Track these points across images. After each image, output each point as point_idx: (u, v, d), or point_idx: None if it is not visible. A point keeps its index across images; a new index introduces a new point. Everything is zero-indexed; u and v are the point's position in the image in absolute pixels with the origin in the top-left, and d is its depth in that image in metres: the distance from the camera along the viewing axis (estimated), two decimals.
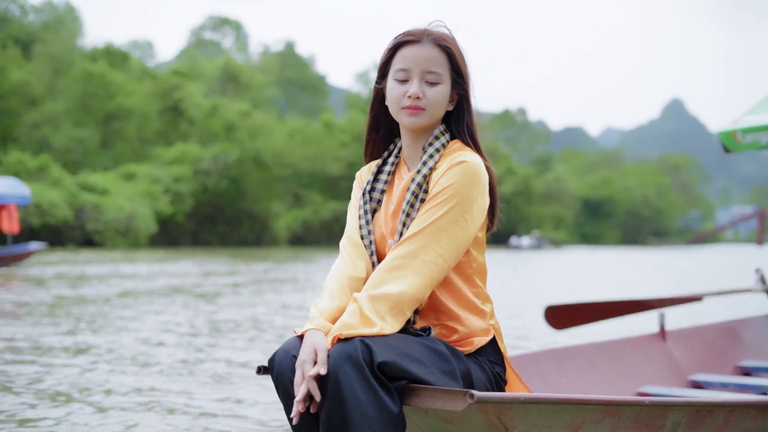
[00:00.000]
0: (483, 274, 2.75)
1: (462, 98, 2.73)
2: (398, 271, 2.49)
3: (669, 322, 5.87)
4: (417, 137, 2.72)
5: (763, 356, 5.55)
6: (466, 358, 2.58)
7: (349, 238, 2.76)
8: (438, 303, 2.64)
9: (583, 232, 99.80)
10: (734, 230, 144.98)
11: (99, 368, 6.47)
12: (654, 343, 4.98)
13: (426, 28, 2.70)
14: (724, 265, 35.13)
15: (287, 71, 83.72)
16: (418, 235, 2.52)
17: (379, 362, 2.26)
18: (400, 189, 2.71)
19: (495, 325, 2.73)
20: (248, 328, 9.50)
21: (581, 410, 2.38)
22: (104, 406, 5.05)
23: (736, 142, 5.37)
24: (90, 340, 8.12)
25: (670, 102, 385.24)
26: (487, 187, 2.64)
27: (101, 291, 14.40)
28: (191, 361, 7.02)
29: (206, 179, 51.72)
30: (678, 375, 4.92)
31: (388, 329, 2.39)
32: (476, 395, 2.15)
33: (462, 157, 2.61)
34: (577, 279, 23.55)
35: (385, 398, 2.25)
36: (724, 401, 2.75)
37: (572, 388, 4.17)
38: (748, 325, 5.75)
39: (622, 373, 4.57)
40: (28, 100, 51.38)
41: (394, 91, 2.66)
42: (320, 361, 2.29)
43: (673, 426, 2.62)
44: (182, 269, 22.77)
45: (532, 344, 8.42)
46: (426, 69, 2.63)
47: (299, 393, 2.28)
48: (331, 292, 2.60)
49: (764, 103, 5.54)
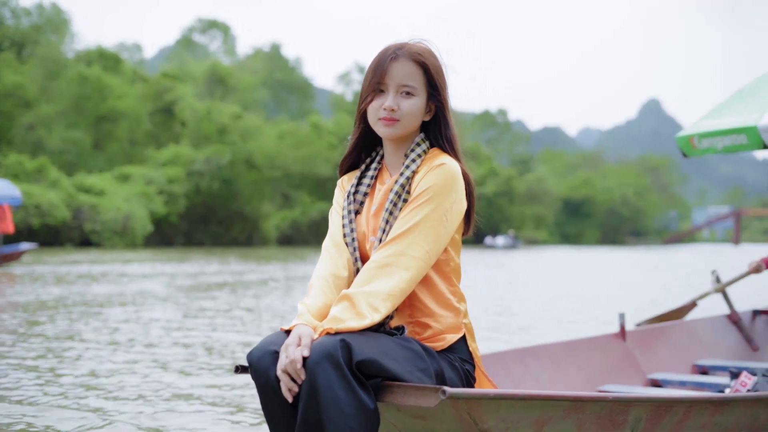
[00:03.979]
0: (459, 274, 2.87)
1: (439, 109, 2.85)
2: (389, 268, 2.60)
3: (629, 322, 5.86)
4: (398, 146, 2.86)
5: (720, 355, 5.67)
6: (439, 357, 2.68)
7: (331, 239, 2.86)
8: (415, 299, 2.75)
9: (563, 231, 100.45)
10: (711, 230, 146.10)
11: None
12: (614, 342, 5.07)
13: (405, 42, 2.83)
14: (696, 266, 35.32)
15: (274, 73, 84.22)
16: (406, 234, 2.64)
17: (358, 360, 2.35)
18: (382, 191, 2.84)
19: (467, 324, 2.84)
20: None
21: (548, 406, 2.47)
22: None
23: (692, 147, 5.60)
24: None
25: (647, 102, 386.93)
26: (464, 191, 2.79)
27: (76, 291, 14.40)
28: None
29: (199, 180, 52.41)
30: (637, 373, 5.01)
31: (378, 318, 2.52)
32: (448, 391, 2.23)
33: (441, 160, 2.75)
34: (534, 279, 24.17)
35: (362, 395, 2.34)
36: (683, 398, 2.85)
37: (536, 386, 4.26)
38: (705, 325, 5.86)
39: (583, 371, 4.68)
40: (22, 102, 51.94)
41: (372, 103, 2.80)
42: (304, 344, 2.39)
43: (634, 421, 2.69)
44: (178, 270, 23.48)
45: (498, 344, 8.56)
46: (401, 83, 2.76)
47: (282, 375, 2.39)
48: (317, 289, 2.70)
49: (720, 108, 5.77)
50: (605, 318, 11.29)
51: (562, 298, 15.33)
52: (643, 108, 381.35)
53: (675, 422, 2.82)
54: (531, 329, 10.14)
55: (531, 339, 9.00)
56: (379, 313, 2.52)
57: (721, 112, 5.63)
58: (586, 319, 11.45)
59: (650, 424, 2.74)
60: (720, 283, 6.12)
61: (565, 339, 4.89)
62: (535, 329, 10.15)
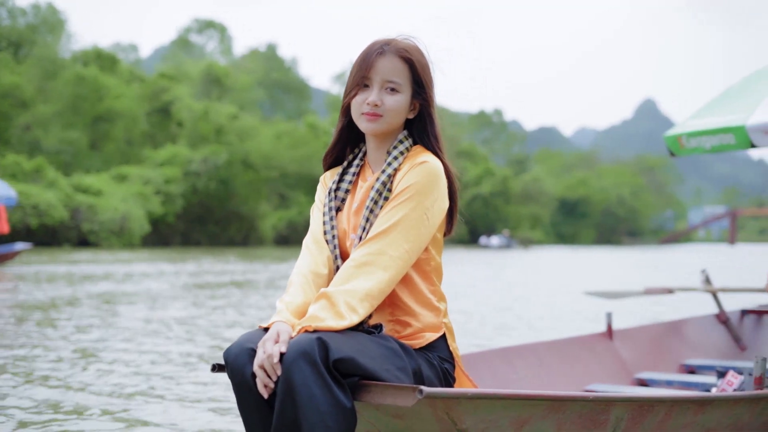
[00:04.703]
0: (439, 274, 2.84)
1: (423, 107, 2.83)
2: (367, 267, 2.57)
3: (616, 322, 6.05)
4: (381, 142, 2.84)
5: (708, 355, 5.65)
6: (417, 355, 2.65)
7: (312, 236, 2.83)
8: (396, 298, 2.72)
9: (559, 231, 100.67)
10: (706, 230, 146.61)
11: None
12: (601, 342, 5.06)
13: (392, 38, 2.81)
14: (694, 264, 35.63)
15: (271, 74, 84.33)
16: (386, 233, 2.62)
17: (335, 359, 2.33)
18: (364, 188, 2.81)
19: (447, 323, 2.81)
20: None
21: (527, 405, 2.43)
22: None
23: (680, 147, 5.58)
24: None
25: (642, 102, 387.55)
26: (446, 189, 2.77)
27: (60, 292, 14.30)
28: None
29: (196, 181, 52.48)
30: (624, 373, 4.99)
31: (356, 320, 2.49)
32: (425, 391, 2.21)
33: (423, 158, 2.72)
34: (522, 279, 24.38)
35: (339, 393, 2.32)
36: (665, 397, 2.81)
37: (521, 386, 4.23)
38: (693, 324, 5.86)
39: (569, 371, 4.65)
40: (18, 102, 52.03)
41: (356, 98, 2.78)
42: (282, 341, 2.38)
43: (616, 421, 2.66)
44: (182, 269, 23.59)
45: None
46: (386, 78, 2.74)
47: (258, 370, 2.37)
48: (296, 287, 2.68)
49: (708, 107, 5.73)
50: (586, 317, 11.31)
51: (556, 296, 15.42)
52: (638, 108, 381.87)
53: (657, 422, 2.80)
54: (519, 328, 10.15)
55: (520, 338, 8.96)
56: (357, 315, 2.49)
57: (710, 111, 5.62)
58: (577, 317, 11.46)
59: (632, 423, 2.72)
60: (709, 283, 6.13)
61: (552, 338, 4.90)
62: (523, 328, 10.20)
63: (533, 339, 8.26)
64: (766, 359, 3.39)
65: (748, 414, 3.15)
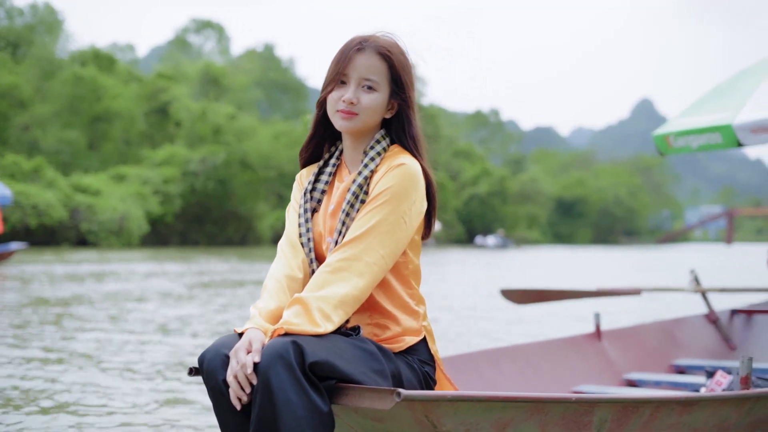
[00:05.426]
0: (418, 276, 2.78)
1: (401, 107, 2.75)
2: (342, 272, 2.51)
3: (605, 323, 6.00)
4: (357, 141, 2.76)
5: (697, 355, 5.61)
6: (396, 358, 2.61)
7: (287, 238, 2.77)
8: (373, 303, 2.66)
9: (556, 231, 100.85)
10: (703, 230, 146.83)
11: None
12: (590, 342, 5.02)
13: (372, 34, 2.74)
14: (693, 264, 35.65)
15: (268, 74, 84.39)
16: (361, 238, 2.55)
17: (311, 362, 2.28)
18: (340, 190, 2.74)
19: (427, 326, 2.77)
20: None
21: (508, 407, 2.40)
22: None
23: (668, 146, 5.49)
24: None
25: (639, 102, 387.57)
26: (424, 191, 2.68)
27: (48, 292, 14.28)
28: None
29: (194, 181, 52.57)
30: (613, 374, 4.94)
31: (331, 329, 2.43)
32: (403, 393, 2.18)
33: (400, 160, 2.65)
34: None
35: (315, 397, 2.28)
36: (649, 398, 2.78)
37: (508, 388, 4.18)
38: (682, 324, 5.82)
39: (557, 372, 4.59)
40: (17, 102, 52.12)
41: (332, 94, 2.70)
42: (254, 350, 2.33)
43: (600, 422, 2.63)
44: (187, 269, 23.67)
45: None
46: (363, 76, 2.67)
47: (232, 381, 2.33)
48: (270, 292, 2.62)
49: (696, 106, 5.67)
50: (576, 318, 11.31)
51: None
52: (635, 108, 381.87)
53: (642, 423, 2.77)
54: (505, 330, 10.13)
55: (509, 339, 8.92)
56: (332, 323, 2.43)
57: (698, 109, 5.56)
58: (558, 320, 11.41)
59: (616, 425, 2.70)
60: (698, 284, 6.09)
61: (540, 339, 4.85)
62: (511, 329, 10.20)
63: (521, 340, 8.21)
64: (752, 359, 3.37)
65: (734, 414, 3.12)
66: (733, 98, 5.34)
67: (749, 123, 4.97)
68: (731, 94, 5.44)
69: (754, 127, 4.95)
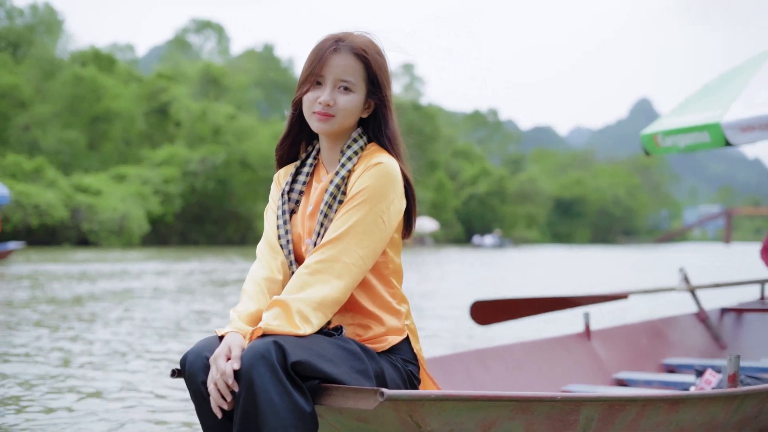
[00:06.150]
0: (399, 275, 2.76)
1: (378, 106, 2.72)
2: (321, 275, 2.48)
3: (595, 322, 5.89)
4: (335, 141, 2.72)
5: (687, 354, 5.58)
6: (379, 358, 2.58)
7: (266, 240, 2.74)
8: (355, 303, 2.64)
9: (555, 231, 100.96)
10: (702, 229, 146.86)
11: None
12: (579, 342, 4.97)
13: (348, 33, 2.70)
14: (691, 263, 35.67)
15: (267, 74, 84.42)
16: (339, 239, 2.52)
17: (293, 362, 2.26)
18: (318, 190, 2.71)
19: (410, 325, 2.74)
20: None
21: (493, 407, 2.38)
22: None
23: (656, 146, 5.40)
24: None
25: (638, 102, 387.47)
26: (402, 189, 2.65)
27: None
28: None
29: (194, 181, 52.77)
30: (602, 373, 4.90)
31: (310, 331, 2.40)
32: (386, 393, 2.17)
33: (378, 159, 2.61)
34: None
35: (298, 398, 2.26)
36: (636, 396, 2.76)
37: (496, 388, 4.14)
38: (672, 323, 5.77)
39: (547, 372, 4.55)
40: (17, 102, 52.28)
41: (308, 95, 2.66)
42: (234, 357, 2.29)
43: (586, 421, 2.61)
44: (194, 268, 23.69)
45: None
46: (339, 77, 2.62)
47: (212, 390, 2.31)
48: (250, 295, 2.59)
49: (684, 105, 5.58)
50: (565, 318, 11.10)
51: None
52: (634, 108, 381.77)
53: (629, 421, 2.76)
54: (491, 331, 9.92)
55: (496, 339, 8.82)
56: (311, 325, 2.41)
57: (686, 108, 5.46)
58: (548, 320, 11.45)
59: (603, 423, 2.68)
60: (688, 282, 6.01)
61: (529, 339, 4.78)
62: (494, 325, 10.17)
63: (512, 340, 8.16)
64: (739, 357, 3.37)
65: (722, 412, 3.13)
66: (722, 97, 5.25)
67: (738, 121, 4.89)
68: (720, 93, 5.36)
69: (743, 126, 4.86)
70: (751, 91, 5.10)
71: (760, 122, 4.78)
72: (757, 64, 5.38)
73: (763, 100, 4.93)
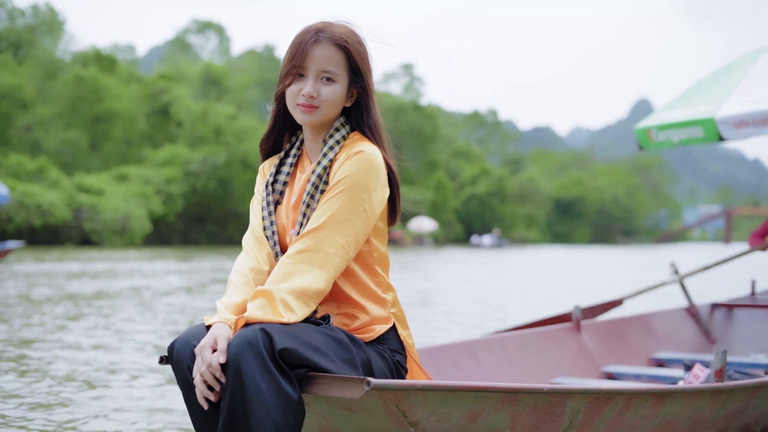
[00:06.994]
0: (385, 264, 2.75)
1: (361, 95, 2.72)
2: (303, 264, 2.48)
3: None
4: (318, 131, 2.73)
5: (677, 348, 5.60)
6: (366, 347, 2.58)
7: (252, 232, 2.75)
8: (339, 292, 2.64)
9: (554, 231, 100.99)
10: (701, 229, 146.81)
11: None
12: (569, 335, 4.95)
13: (327, 23, 2.71)
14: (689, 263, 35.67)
15: (268, 74, 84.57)
16: (320, 228, 2.52)
17: (280, 349, 2.26)
18: (301, 181, 2.72)
19: (397, 313, 2.74)
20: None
21: (480, 398, 2.38)
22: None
23: (650, 140, 5.39)
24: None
25: (637, 102, 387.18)
26: (385, 177, 2.65)
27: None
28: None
29: (195, 181, 52.89)
30: (592, 366, 4.89)
31: (294, 320, 2.40)
32: (373, 383, 2.17)
33: (359, 147, 2.61)
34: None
35: (285, 385, 2.25)
36: (623, 389, 2.76)
37: (484, 379, 4.14)
38: (662, 317, 5.78)
39: (536, 364, 4.54)
40: (19, 103, 52.44)
41: (291, 88, 2.67)
42: (220, 350, 2.29)
43: (572, 413, 2.62)
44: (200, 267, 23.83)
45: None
46: (321, 68, 2.63)
47: (198, 381, 2.31)
48: (236, 286, 2.59)
49: (678, 100, 5.57)
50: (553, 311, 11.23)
51: (540, 292, 15.57)
52: (633, 108, 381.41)
53: (615, 414, 2.78)
54: (492, 320, 10.20)
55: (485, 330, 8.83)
56: (295, 314, 2.41)
57: (680, 103, 5.45)
58: (537, 314, 11.35)
59: (589, 416, 2.69)
60: (678, 274, 6.03)
61: (519, 331, 4.76)
62: (487, 323, 10.22)
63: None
64: (726, 352, 3.43)
65: (708, 407, 3.16)
66: (716, 92, 5.24)
67: (732, 117, 4.87)
68: (714, 88, 5.34)
69: (736, 121, 4.84)
70: (745, 87, 5.10)
71: (754, 118, 4.78)
72: (752, 61, 5.39)
73: (757, 97, 4.93)
